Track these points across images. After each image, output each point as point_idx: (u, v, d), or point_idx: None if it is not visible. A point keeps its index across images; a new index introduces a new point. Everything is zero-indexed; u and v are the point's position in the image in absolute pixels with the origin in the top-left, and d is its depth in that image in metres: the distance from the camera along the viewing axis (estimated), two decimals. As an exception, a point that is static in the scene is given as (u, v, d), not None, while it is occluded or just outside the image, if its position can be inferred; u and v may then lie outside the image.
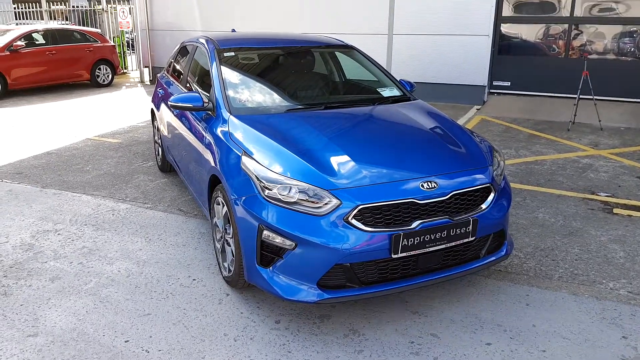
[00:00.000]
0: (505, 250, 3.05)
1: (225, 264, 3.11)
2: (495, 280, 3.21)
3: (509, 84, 9.40)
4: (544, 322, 2.76)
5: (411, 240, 2.61)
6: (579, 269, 3.35)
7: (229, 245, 3.01)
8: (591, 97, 7.29)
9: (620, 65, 8.69)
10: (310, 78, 4.34)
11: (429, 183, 2.69)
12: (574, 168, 5.52)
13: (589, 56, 8.69)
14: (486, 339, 2.62)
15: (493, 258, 2.99)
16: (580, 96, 7.32)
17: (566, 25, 8.91)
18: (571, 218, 4.17)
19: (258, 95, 3.73)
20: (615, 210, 4.34)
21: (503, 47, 9.45)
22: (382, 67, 4.33)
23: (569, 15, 8.82)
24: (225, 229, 3.04)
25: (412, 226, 2.60)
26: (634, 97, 8.52)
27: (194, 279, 3.21)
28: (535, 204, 4.48)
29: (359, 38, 9.36)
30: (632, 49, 8.63)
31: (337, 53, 4.56)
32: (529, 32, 9.31)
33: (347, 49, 4.47)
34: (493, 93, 9.50)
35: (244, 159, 2.83)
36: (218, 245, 3.24)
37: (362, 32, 9.60)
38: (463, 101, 9.05)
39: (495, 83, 9.47)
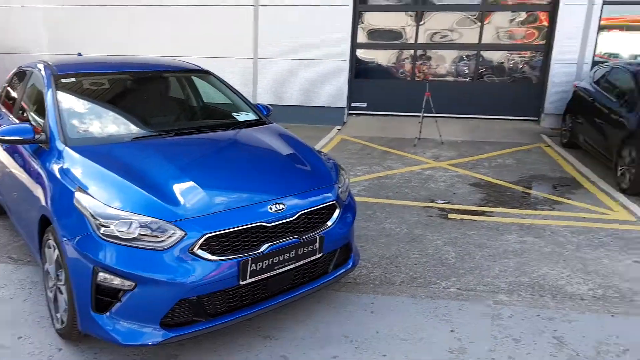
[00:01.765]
0: (351, 263, 3.26)
1: (58, 315, 2.84)
2: (345, 293, 3.41)
3: (365, 105, 10.10)
4: (386, 327, 3.00)
5: (260, 264, 2.67)
6: (417, 272, 3.71)
7: (62, 293, 2.76)
8: (433, 115, 8.13)
9: (458, 86, 9.85)
10: (162, 104, 4.24)
11: (277, 205, 2.78)
12: (418, 180, 6.10)
13: (430, 79, 9.72)
14: (333, 352, 2.77)
15: (341, 271, 3.18)
16: (425, 114, 8.12)
17: (412, 51, 9.88)
18: (414, 226, 4.60)
19: (101, 124, 3.53)
20: (450, 216, 4.88)
21: (359, 71, 10.16)
22: (238, 92, 4.39)
23: (414, 41, 9.79)
24: (58, 274, 2.80)
25: (260, 250, 2.66)
26: (469, 113, 9.69)
27: (19, 337, 2.88)
28: (383, 216, 4.85)
29: (225, 62, 9.42)
30: (467, 72, 9.84)
31: (193, 78, 4.52)
32: (382, 57, 10.15)
33: (203, 73, 4.43)
34: (352, 114, 10.13)
35: (78, 194, 2.65)
36: (50, 294, 2.94)
37: (228, 56, 9.65)
38: (325, 122, 9.50)
39: (353, 104, 10.12)
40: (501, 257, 3.96)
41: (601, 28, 8.87)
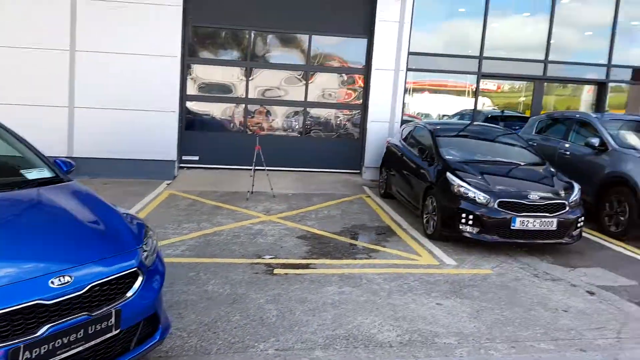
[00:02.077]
0: (159, 335, 2.97)
1: None
2: (154, 369, 3.09)
3: (197, 158, 9.88)
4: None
5: (36, 351, 2.27)
6: (236, 336, 3.55)
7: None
8: (265, 168, 8.25)
9: (288, 141, 10.25)
10: None
11: (61, 278, 2.42)
12: (247, 235, 6.03)
13: (261, 133, 9.94)
14: None
15: (146, 347, 2.87)
16: (256, 168, 8.21)
17: (243, 105, 10.04)
18: (238, 285, 4.47)
19: None
20: (275, 271, 4.86)
21: (191, 123, 9.96)
22: (30, 145, 3.84)
23: (244, 96, 9.98)
24: None
25: (37, 333, 2.27)
26: (300, 167, 10.11)
27: None
28: (207, 277, 4.63)
29: (36, 110, 8.46)
30: (297, 127, 10.31)
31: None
32: (214, 110, 10.12)
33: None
34: (183, 167, 9.81)
35: None
36: None
37: (40, 104, 8.66)
38: (154, 176, 9.01)
39: (185, 157, 9.82)
40: (320, 311, 4.02)
41: (414, 90, 10.14)
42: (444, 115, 11.85)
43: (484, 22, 10.45)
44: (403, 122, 9.84)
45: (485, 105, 11.97)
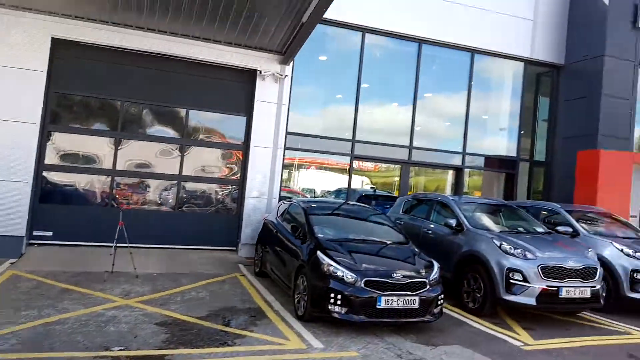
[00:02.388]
0: None
1: None
2: None
3: (51, 233, 8.86)
4: None
5: None
6: None
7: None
8: (127, 245, 7.60)
9: (158, 216, 9.66)
10: None
11: None
12: (96, 323, 5.34)
13: (127, 207, 9.29)
14: None
15: None
16: (118, 245, 7.52)
17: (108, 177, 9.35)
18: (72, 387, 3.83)
19: None
20: (123, 367, 4.29)
21: (48, 194, 9.01)
22: None
23: (111, 167, 9.33)
24: None
25: None
26: (170, 244, 9.52)
27: None
28: (35, 378, 3.93)
29: None
30: (169, 201, 9.80)
31: None
32: (77, 181, 9.27)
33: None
34: (33, 244, 8.71)
35: None
36: None
37: None
38: (-4, 254, 7.84)
39: (36, 233, 8.75)
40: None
41: (299, 166, 10.30)
42: (326, 192, 12.21)
43: (355, 108, 11.22)
44: (281, 198, 9.88)
45: (365, 183, 12.62)
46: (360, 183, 12.63)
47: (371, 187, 12.54)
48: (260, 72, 9.82)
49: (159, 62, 9.50)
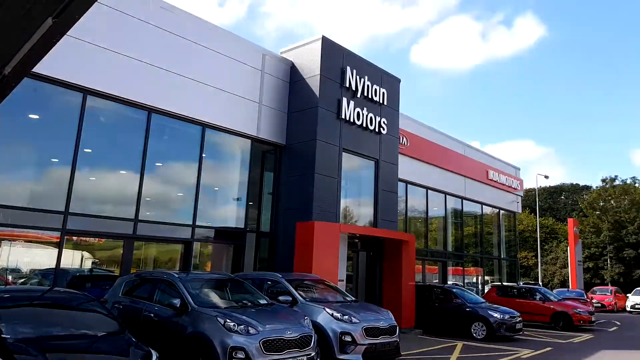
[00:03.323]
0: None
1: None
2: None
3: None
4: None
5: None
6: None
7: None
8: None
9: None
10: None
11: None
12: None
13: None
14: None
15: None
16: None
17: None
18: None
19: None
20: None
21: None
22: None
23: None
24: None
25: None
26: None
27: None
28: None
29: None
30: None
31: None
32: None
33: None
34: None
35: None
36: None
37: None
38: None
39: None
40: None
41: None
42: (33, 272, 10.16)
43: (71, 175, 9.92)
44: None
45: (86, 257, 10.98)
46: (80, 258, 10.99)
47: (93, 263, 11.08)
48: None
49: None
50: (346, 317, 8.62)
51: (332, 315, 8.59)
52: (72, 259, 10.24)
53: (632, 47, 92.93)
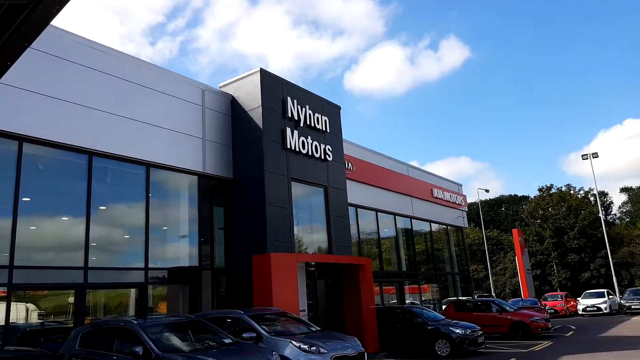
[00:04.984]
0: None
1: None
2: None
3: None
4: None
5: None
6: None
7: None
8: None
9: None
10: None
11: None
12: None
13: None
14: None
15: None
16: None
17: None
18: None
19: None
20: None
21: None
22: None
23: None
24: None
25: None
26: None
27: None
28: None
29: None
30: None
31: None
32: None
33: None
34: None
35: None
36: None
37: None
38: None
39: None
40: None
41: None
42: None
43: (13, 227, 9.36)
44: None
45: (32, 310, 10.20)
46: (25, 311, 10.18)
47: (39, 315, 10.33)
48: None
49: None
50: (314, 347, 8.53)
51: (299, 347, 8.47)
52: (17, 312, 9.51)
53: (547, 61, 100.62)
